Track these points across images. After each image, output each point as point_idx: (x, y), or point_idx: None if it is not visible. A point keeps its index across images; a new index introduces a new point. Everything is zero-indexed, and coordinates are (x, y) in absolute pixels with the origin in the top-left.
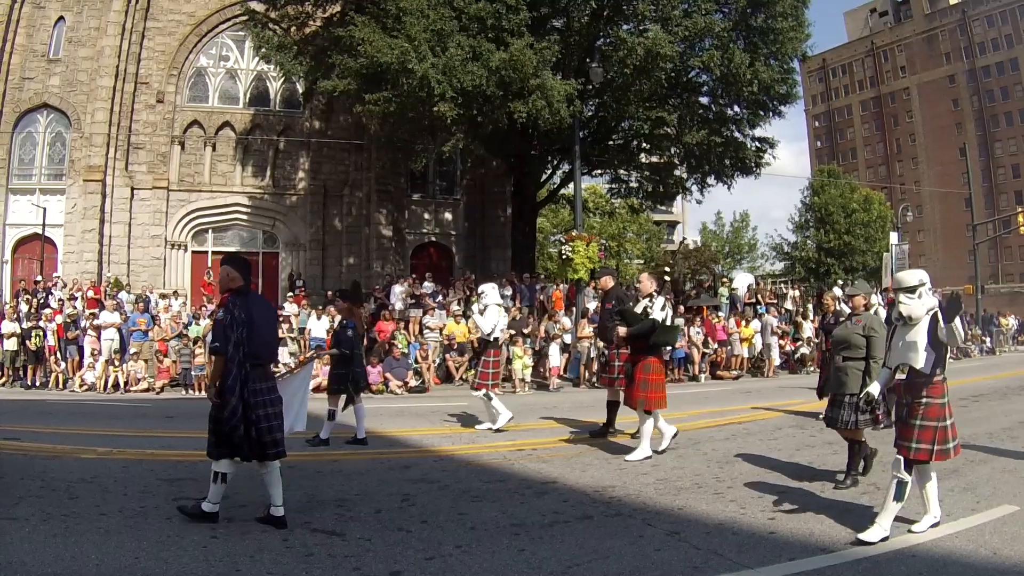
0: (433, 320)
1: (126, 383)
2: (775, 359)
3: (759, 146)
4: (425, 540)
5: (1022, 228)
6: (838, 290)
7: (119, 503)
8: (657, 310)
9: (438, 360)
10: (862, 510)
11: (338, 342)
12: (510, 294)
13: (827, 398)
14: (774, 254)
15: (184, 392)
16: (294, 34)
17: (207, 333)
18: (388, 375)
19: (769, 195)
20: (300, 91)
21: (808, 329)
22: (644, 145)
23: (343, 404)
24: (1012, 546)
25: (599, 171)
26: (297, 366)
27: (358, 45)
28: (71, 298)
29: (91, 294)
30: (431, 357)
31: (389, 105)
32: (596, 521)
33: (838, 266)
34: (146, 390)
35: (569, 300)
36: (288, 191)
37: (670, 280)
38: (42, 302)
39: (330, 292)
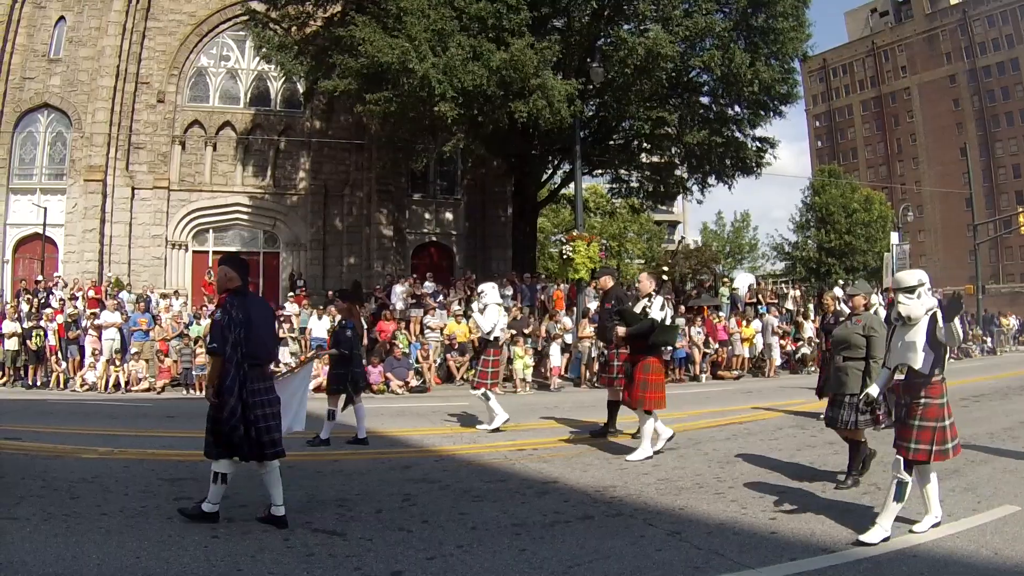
0: (434, 320)
1: (127, 383)
2: (776, 359)
3: (760, 146)
4: (426, 540)
5: (1023, 228)
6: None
7: (120, 503)
8: (656, 310)
9: (439, 360)
10: (863, 510)
11: (337, 342)
12: (511, 294)
13: (827, 398)
14: (775, 254)
15: (185, 392)
16: (295, 34)
17: (207, 333)
18: (389, 375)
19: (770, 195)
20: (301, 91)
21: (809, 329)
22: (645, 145)
23: (343, 404)
24: (1013, 546)
25: (600, 171)
26: (297, 366)
27: (359, 45)
28: (72, 298)
29: (92, 294)
30: (432, 357)
31: (390, 105)
32: (597, 521)
33: (839, 266)
34: (147, 390)
35: (570, 300)
36: (289, 191)
37: (668, 279)
38: (43, 302)
39: (331, 292)
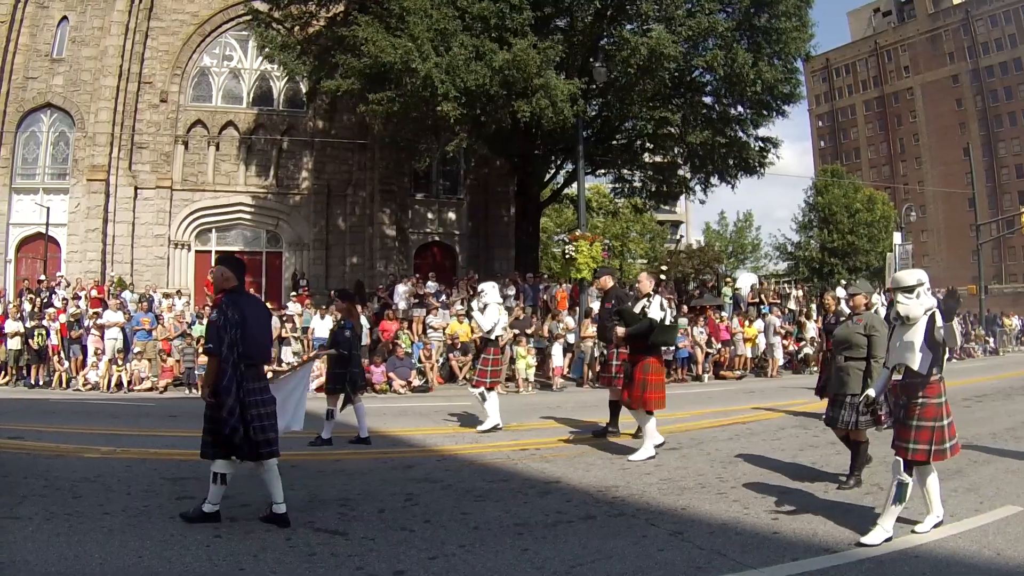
0: (437, 320)
1: (129, 382)
2: (778, 359)
3: (762, 146)
4: (428, 540)
5: None
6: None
7: (123, 502)
8: (655, 309)
9: (441, 360)
10: (865, 511)
11: (336, 342)
12: (513, 294)
13: (828, 398)
14: (777, 254)
15: (188, 391)
16: (297, 34)
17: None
18: (392, 375)
19: (773, 195)
20: (303, 91)
21: (811, 329)
22: (648, 145)
23: (342, 404)
24: (1016, 547)
25: (603, 171)
26: (298, 365)
27: (361, 45)
28: (75, 297)
29: (95, 293)
30: (434, 357)
31: (393, 105)
32: (599, 521)
33: (842, 266)
34: (149, 389)
35: (573, 300)
36: (292, 191)
37: (666, 279)
38: (45, 301)
39: (332, 292)
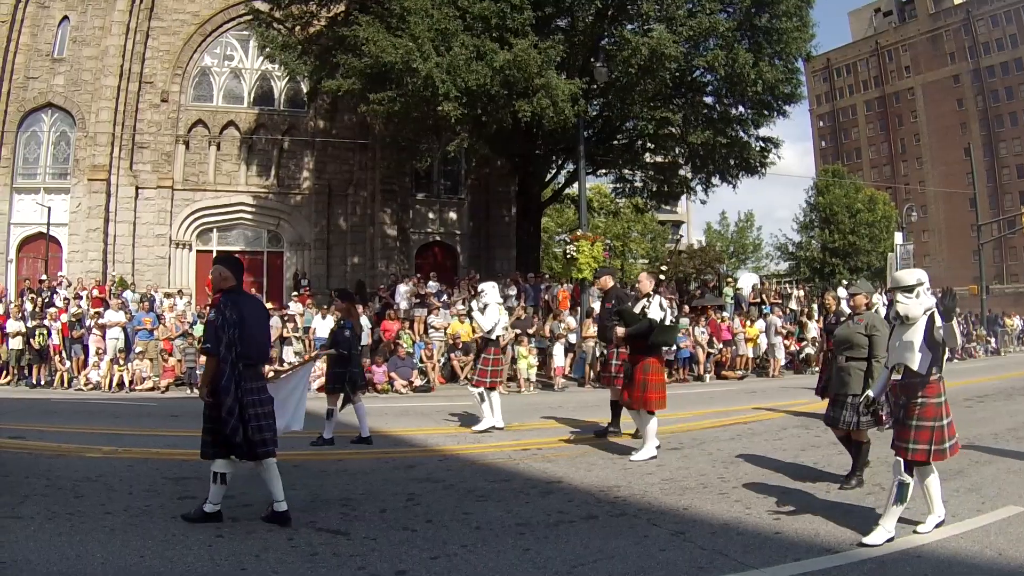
0: (438, 320)
1: (131, 382)
2: (780, 359)
3: (763, 146)
4: (430, 539)
5: None
6: (842, 290)
7: (124, 502)
8: (655, 310)
9: (443, 360)
10: (867, 511)
11: (336, 342)
12: (515, 294)
13: (829, 398)
14: (779, 254)
15: (189, 391)
16: (298, 33)
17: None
18: (393, 374)
19: (774, 195)
20: (304, 91)
21: (813, 329)
22: (649, 145)
23: (341, 403)
24: (1018, 547)
25: (604, 171)
26: (299, 365)
27: (362, 45)
28: (76, 297)
29: (96, 293)
30: (436, 357)
31: (393, 105)
32: (601, 521)
33: (843, 266)
34: (151, 389)
35: (574, 300)
36: (293, 190)
37: (667, 279)
38: (47, 301)
39: (332, 292)
